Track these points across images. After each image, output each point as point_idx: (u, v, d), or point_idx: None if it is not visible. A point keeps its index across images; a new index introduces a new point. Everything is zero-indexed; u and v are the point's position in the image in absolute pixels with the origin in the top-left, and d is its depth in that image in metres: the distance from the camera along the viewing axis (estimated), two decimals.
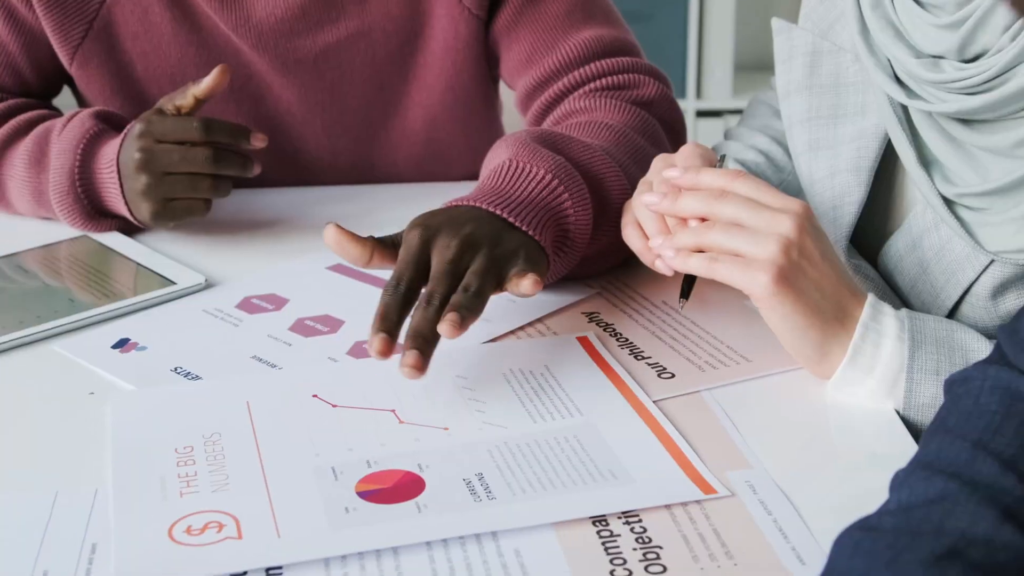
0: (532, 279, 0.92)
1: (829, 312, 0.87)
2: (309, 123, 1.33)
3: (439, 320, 0.88)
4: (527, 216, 0.98)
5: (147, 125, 1.15)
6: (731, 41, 3.03)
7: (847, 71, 1.02)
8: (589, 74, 1.24)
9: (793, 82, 1.05)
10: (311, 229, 1.24)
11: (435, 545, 0.75)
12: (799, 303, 0.87)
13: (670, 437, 0.86)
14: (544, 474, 0.81)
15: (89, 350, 1.00)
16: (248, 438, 0.86)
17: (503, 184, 1.00)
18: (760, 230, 0.86)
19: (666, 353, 0.97)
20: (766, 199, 0.88)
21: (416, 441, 0.86)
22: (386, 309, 0.90)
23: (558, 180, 1.00)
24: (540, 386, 0.92)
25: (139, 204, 1.16)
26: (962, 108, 0.89)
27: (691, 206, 0.90)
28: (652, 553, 0.74)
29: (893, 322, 0.87)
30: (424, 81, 1.32)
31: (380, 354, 0.87)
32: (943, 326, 0.88)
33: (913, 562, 0.60)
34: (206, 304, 1.08)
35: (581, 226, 1.01)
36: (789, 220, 0.86)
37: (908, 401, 0.87)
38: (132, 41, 1.28)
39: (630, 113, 1.19)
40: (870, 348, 0.87)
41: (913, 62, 0.92)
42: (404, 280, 0.91)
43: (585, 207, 1.01)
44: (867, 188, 0.99)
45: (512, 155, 1.02)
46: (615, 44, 1.27)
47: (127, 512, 0.78)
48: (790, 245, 0.86)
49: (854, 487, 0.81)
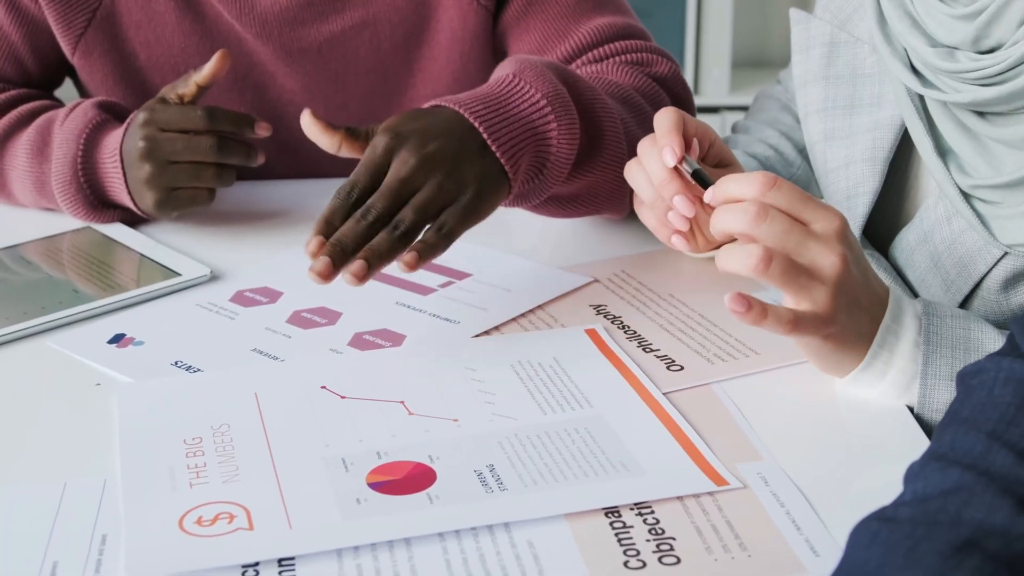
0: (405, 261, 0.92)
1: (852, 330, 0.85)
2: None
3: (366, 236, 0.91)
4: (505, 136, 0.97)
5: (151, 114, 1.14)
6: (728, 38, 3.03)
7: (864, 62, 1.02)
8: (602, 55, 1.24)
9: (810, 71, 1.05)
10: (312, 221, 1.24)
11: (448, 536, 0.75)
12: (846, 334, 0.85)
13: (680, 429, 0.85)
14: (555, 465, 0.81)
15: (85, 346, 0.99)
16: (257, 429, 0.86)
17: (495, 96, 0.99)
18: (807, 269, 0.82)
19: (675, 346, 0.97)
20: (806, 214, 0.82)
21: (426, 432, 0.85)
22: (331, 213, 0.93)
23: (551, 107, 0.99)
24: (549, 378, 0.92)
25: (143, 193, 1.15)
26: (976, 99, 0.89)
27: (729, 225, 0.84)
28: (665, 544, 0.74)
29: (912, 323, 0.86)
30: (429, 73, 1.32)
31: (312, 255, 0.90)
32: (960, 324, 0.87)
33: (931, 552, 0.59)
34: (200, 298, 1.07)
35: (561, 159, 1.00)
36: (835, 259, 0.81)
37: (922, 404, 0.86)
38: (135, 30, 1.28)
39: (641, 80, 1.18)
40: (885, 354, 0.86)
41: (929, 51, 0.92)
42: (358, 188, 0.93)
43: (572, 141, 1.00)
44: (882, 178, 0.99)
45: (516, 70, 1.02)
46: (627, 30, 1.27)
47: (137, 503, 0.78)
48: (838, 292, 0.82)
49: (865, 479, 0.81)
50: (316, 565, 0.72)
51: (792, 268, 0.81)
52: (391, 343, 0.98)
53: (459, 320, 1.02)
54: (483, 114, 0.97)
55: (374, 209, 0.92)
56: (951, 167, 0.94)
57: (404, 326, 1.01)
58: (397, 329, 1.00)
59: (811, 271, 0.82)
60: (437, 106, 0.99)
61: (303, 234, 1.19)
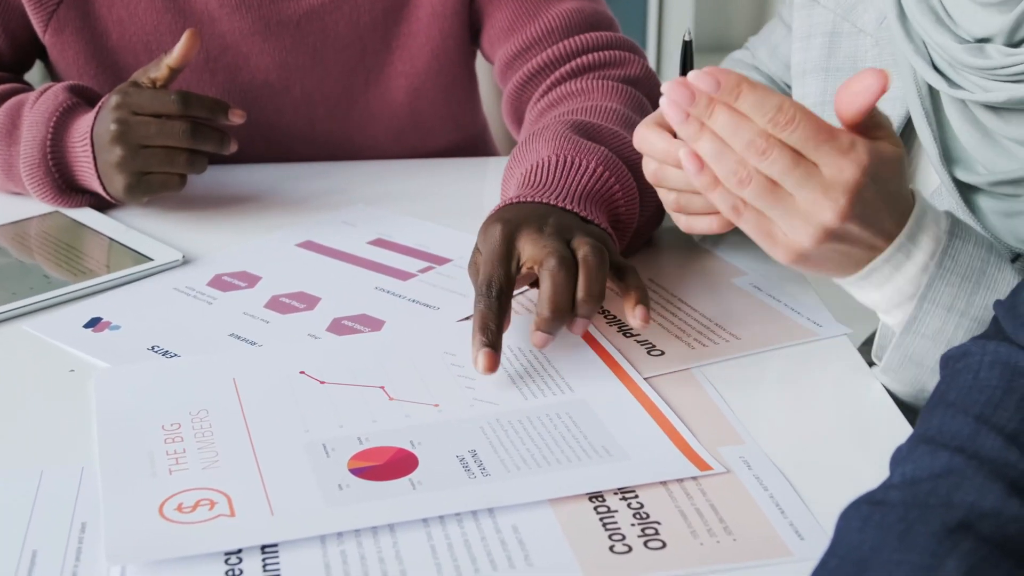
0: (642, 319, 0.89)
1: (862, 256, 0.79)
2: (287, 92, 1.32)
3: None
4: (589, 207, 0.96)
5: (123, 97, 1.13)
6: (691, 22, 3.03)
7: (865, 55, 0.99)
8: (572, 48, 1.25)
9: (810, 61, 1.03)
10: (285, 206, 1.23)
11: (432, 522, 0.74)
12: (823, 269, 0.80)
13: (662, 414, 0.85)
14: (538, 451, 0.81)
15: (61, 330, 0.98)
16: (236, 415, 0.85)
17: (556, 179, 0.98)
18: (800, 209, 0.75)
19: (655, 331, 0.97)
20: (822, 157, 0.74)
21: (407, 418, 0.85)
22: (484, 320, 0.87)
23: (609, 172, 0.99)
24: (530, 363, 0.92)
25: (113, 177, 1.14)
26: (1012, 97, 0.85)
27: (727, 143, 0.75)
28: (651, 529, 0.74)
29: (928, 245, 0.79)
30: (408, 49, 1.31)
31: (488, 370, 0.86)
32: (980, 255, 0.80)
33: (925, 535, 0.60)
34: (177, 282, 1.06)
35: (631, 213, 1.01)
36: (834, 205, 0.74)
37: (909, 325, 0.81)
38: (107, 8, 1.26)
39: (625, 94, 1.19)
40: (888, 269, 0.80)
41: (957, 48, 0.87)
42: (495, 282, 0.88)
43: (632, 194, 1.01)
44: None
45: (555, 150, 1.01)
46: (595, 17, 1.28)
47: (116, 490, 0.77)
48: (826, 235, 0.75)
49: (847, 462, 0.81)
50: (300, 551, 0.72)
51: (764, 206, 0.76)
52: (370, 328, 0.98)
53: (439, 306, 1.01)
54: (560, 196, 0.96)
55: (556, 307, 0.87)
56: (958, 168, 0.91)
57: (383, 312, 1.00)
58: (376, 315, 1.00)
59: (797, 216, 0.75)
60: (509, 204, 0.96)
61: (277, 218, 1.20)
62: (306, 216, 1.20)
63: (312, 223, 1.18)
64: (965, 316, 0.80)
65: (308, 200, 1.25)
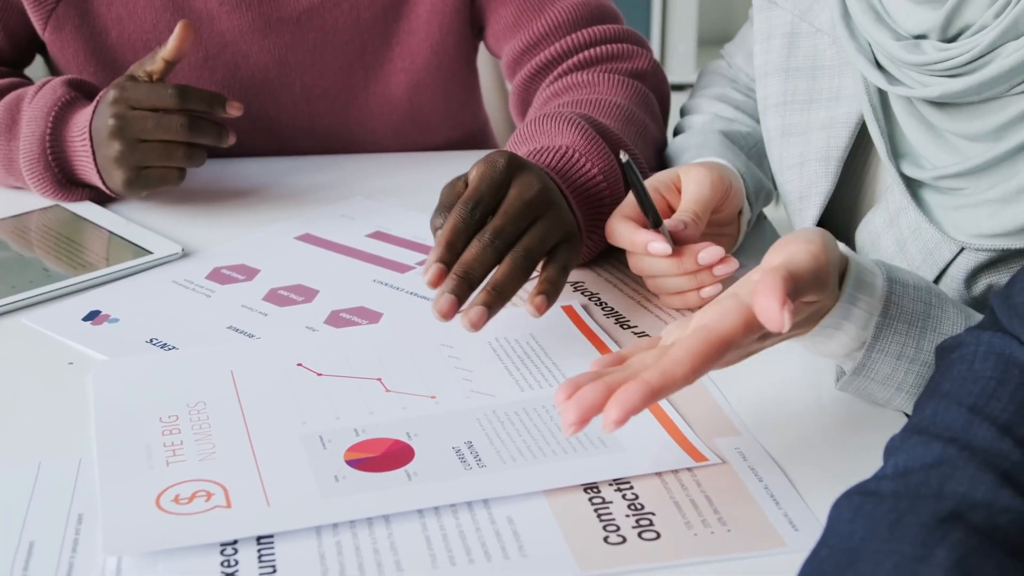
0: (536, 305, 0.90)
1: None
2: (287, 87, 1.32)
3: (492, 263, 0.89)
4: (579, 203, 1.00)
5: (121, 91, 1.13)
6: (694, 16, 3.03)
7: (824, 54, 1.00)
8: (579, 42, 1.25)
9: (771, 63, 1.04)
10: (284, 199, 1.23)
11: (427, 513, 0.74)
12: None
13: (658, 405, 0.85)
14: (533, 442, 0.81)
15: (60, 323, 0.98)
16: (233, 407, 0.85)
17: (562, 167, 1.01)
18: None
19: (651, 322, 0.97)
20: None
21: (403, 409, 0.85)
22: (454, 235, 0.88)
23: (606, 183, 1.02)
24: (526, 354, 0.92)
25: (112, 172, 1.14)
26: (945, 91, 0.86)
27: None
28: (645, 520, 0.74)
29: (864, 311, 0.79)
30: (407, 46, 1.31)
31: (432, 284, 0.87)
32: (921, 297, 0.81)
33: (915, 525, 0.60)
34: (176, 275, 1.06)
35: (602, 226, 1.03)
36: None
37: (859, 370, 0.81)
38: (107, 6, 1.26)
39: (631, 89, 1.19)
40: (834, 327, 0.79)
41: (894, 45, 0.89)
42: (482, 205, 0.90)
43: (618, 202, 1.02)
44: (835, 178, 0.98)
45: (571, 143, 1.03)
46: (600, 10, 1.28)
47: (113, 482, 0.77)
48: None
49: (841, 453, 0.81)
50: (295, 543, 0.72)
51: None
52: (368, 321, 0.98)
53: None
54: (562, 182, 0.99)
55: (504, 234, 0.89)
56: (906, 163, 0.92)
57: (381, 304, 1.00)
58: (374, 307, 1.00)
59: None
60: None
61: (276, 211, 1.20)
62: (305, 209, 1.21)
63: (311, 216, 1.19)
64: (915, 362, 0.81)
65: (307, 193, 1.25)
